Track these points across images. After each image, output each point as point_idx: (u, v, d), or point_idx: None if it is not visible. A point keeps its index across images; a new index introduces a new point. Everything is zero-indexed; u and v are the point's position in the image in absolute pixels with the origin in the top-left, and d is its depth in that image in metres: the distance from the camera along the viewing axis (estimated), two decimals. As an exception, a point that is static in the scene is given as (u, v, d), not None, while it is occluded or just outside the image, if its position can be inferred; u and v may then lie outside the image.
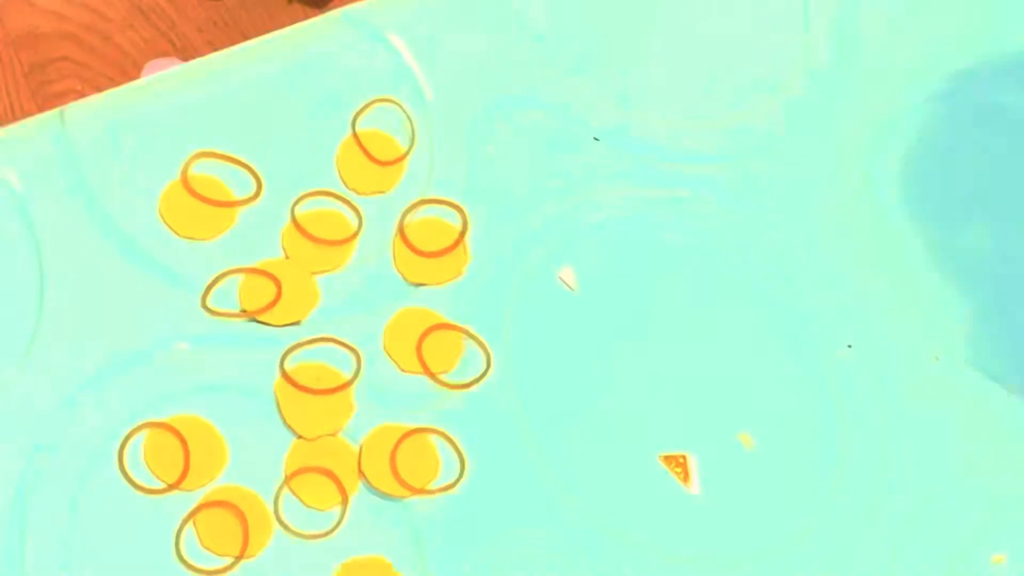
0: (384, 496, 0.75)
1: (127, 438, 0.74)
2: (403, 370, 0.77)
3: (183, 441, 0.74)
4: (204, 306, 0.77)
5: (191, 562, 0.72)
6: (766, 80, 0.88)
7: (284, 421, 0.75)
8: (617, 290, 0.81)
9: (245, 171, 0.81)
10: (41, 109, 0.83)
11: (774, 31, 0.89)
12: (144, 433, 0.74)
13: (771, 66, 0.88)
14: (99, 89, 0.83)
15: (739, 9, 0.88)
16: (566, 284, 0.81)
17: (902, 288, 0.83)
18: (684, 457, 0.78)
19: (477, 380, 0.78)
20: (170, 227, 0.79)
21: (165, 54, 0.88)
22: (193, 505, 0.73)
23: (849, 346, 0.81)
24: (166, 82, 0.84)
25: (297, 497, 0.74)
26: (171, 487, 0.73)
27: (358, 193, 0.81)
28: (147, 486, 0.73)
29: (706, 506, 0.77)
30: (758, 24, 0.89)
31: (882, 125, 0.87)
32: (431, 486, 0.75)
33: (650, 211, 0.83)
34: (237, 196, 0.80)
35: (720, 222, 0.83)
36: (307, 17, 0.87)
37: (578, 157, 0.83)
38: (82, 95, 0.83)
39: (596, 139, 0.84)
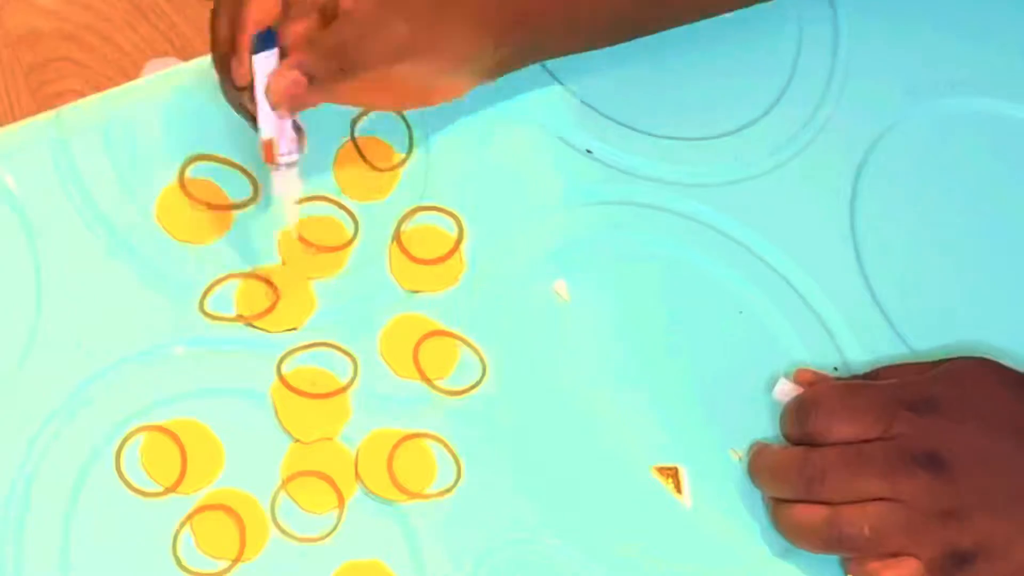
0: (380, 500, 0.75)
1: (124, 441, 0.74)
2: (399, 376, 0.77)
3: (180, 445, 0.74)
4: (201, 310, 0.77)
5: (188, 565, 0.72)
6: (757, 99, 0.87)
7: (281, 425, 0.75)
8: (610, 302, 0.81)
9: (242, 175, 0.81)
10: (41, 109, 0.83)
11: (767, 53, 0.89)
12: (141, 436, 0.74)
13: (762, 85, 0.88)
14: (99, 89, 0.83)
15: (733, 32, 0.88)
16: (559, 296, 0.81)
17: (891, 309, 0.83)
18: (676, 469, 0.78)
19: (473, 387, 0.78)
20: (167, 231, 0.79)
21: (165, 54, 0.88)
22: (190, 508, 0.73)
23: (835, 368, 0.81)
24: (164, 82, 0.84)
25: (294, 501, 0.74)
26: (168, 490, 0.73)
27: (353, 199, 0.81)
28: (144, 489, 0.73)
29: (698, 518, 0.77)
30: (751, 47, 0.88)
31: (870, 139, 0.87)
32: (427, 491, 0.75)
33: (643, 224, 0.83)
34: (234, 200, 0.80)
35: (713, 238, 0.83)
36: (307, 17, 0.87)
37: (572, 169, 0.83)
38: (82, 95, 0.83)
39: (589, 151, 0.84)
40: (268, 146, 0.73)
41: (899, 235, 0.85)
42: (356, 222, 0.80)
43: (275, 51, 0.73)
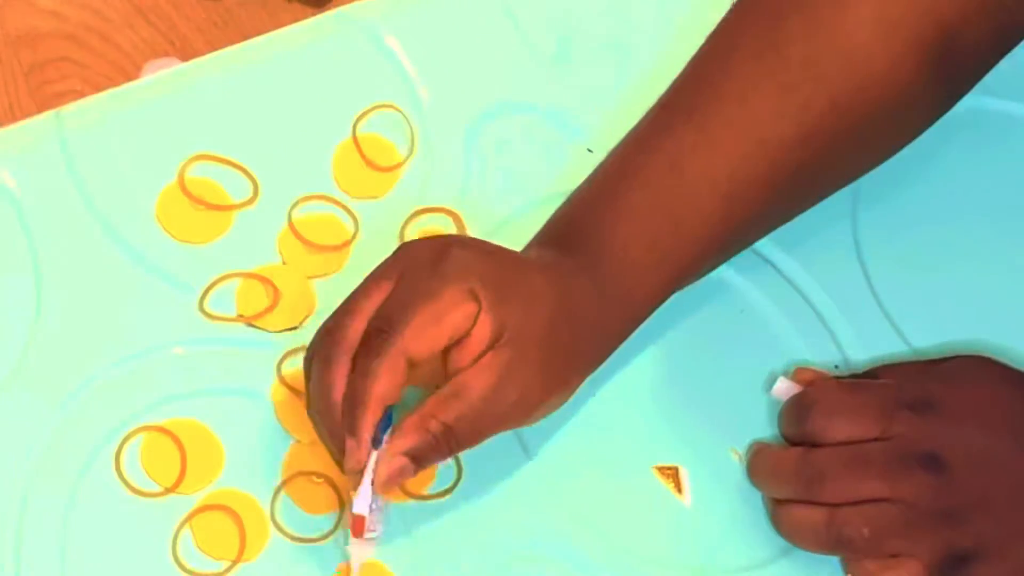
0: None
1: (124, 441, 0.74)
2: (399, 375, 0.77)
3: (180, 445, 0.74)
4: (201, 310, 0.77)
5: (188, 565, 0.72)
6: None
7: (281, 425, 0.75)
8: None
9: (242, 174, 0.81)
10: (41, 109, 0.83)
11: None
12: (141, 437, 0.74)
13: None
14: (99, 89, 0.84)
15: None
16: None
17: (892, 308, 0.83)
18: (676, 469, 0.78)
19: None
20: (166, 230, 0.79)
21: (165, 54, 0.88)
22: (190, 509, 0.73)
23: (836, 367, 0.81)
24: (163, 83, 0.84)
25: (294, 501, 0.74)
26: (168, 491, 0.73)
27: (353, 196, 0.81)
28: (144, 489, 0.73)
29: (698, 518, 0.77)
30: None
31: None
32: (427, 491, 0.75)
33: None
34: (234, 199, 0.80)
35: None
36: (307, 17, 0.87)
37: (572, 167, 0.83)
38: (82, 95, 0.83)
39: (590, 151, 0.84)
40: (360, 522, 0.70)
41: (900, 234, 0.85)
42: (356, 221, 0.80)
43: (388, 431, 0.69)
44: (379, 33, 0.86)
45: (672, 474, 0.77)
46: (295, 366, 0.76)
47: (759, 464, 0.76)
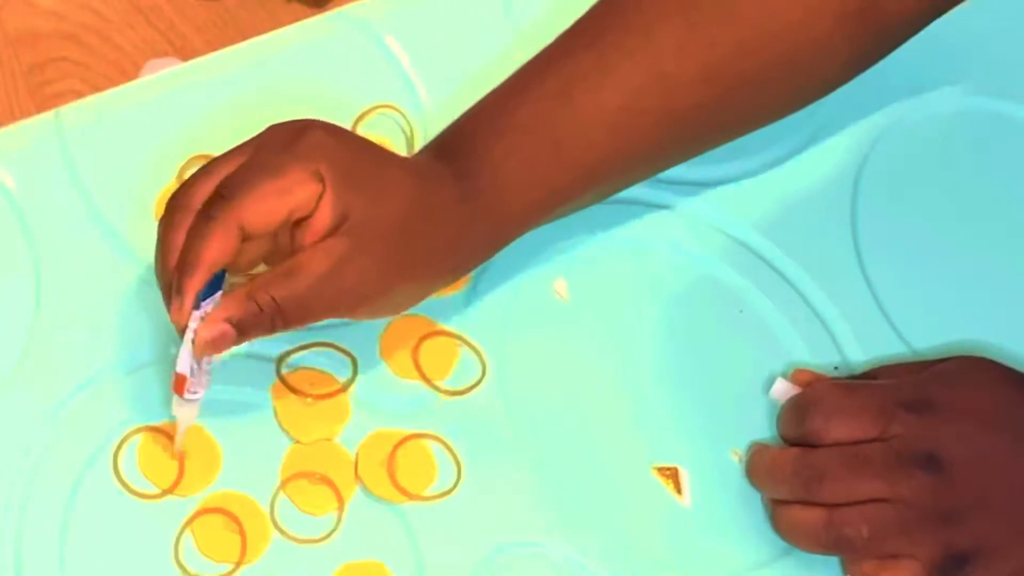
0: (381, 501, 0.74)
1: (122, 442, 0.74)
2: (399, 376, 0.77)
3: (179, 445, 0.74)
4: (201, 310, 0.77)
5: (190, 569, 0.72)
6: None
7: (280, 426, 0.75)
8: (610, 302, 0.81)
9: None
10: (40, 109, 0.83)
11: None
12: (139, 437, 0.74)
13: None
14: (99, 89, 0.84)
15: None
16: (559, 296, 0.81)
17: (891, 309, 0.83)
18: (676, 469, 0.78)
19: (473, 387, 0.78)
20: (166, 231, 0.79)
21: (165, 54, 0.88)
22: (190, 512, 0.73)
23: (836, 368, 0.81)
24: (163, 83, 0.84)
25: (293, 503, 0.74)
26: (166, 492, 0.73)
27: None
28: (141, 491, 0.73)
29: (698, 518, 0.77)
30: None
31: (870, 138, 0.87)
32: (427, 492, 0.75)
33: (643, 224, 0.83)
34: (233, 200, 0.80)
35: (714, 237, 0.83)
36: (307, 17, 0.87)
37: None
38: (81, 95, 0.84)
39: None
40: (180, 380, 0.70)
41: (900, 234, 0.85)
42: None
43: (217, 295, 0.69)
44: (379, 33, 0.86)
45: (672, 474, 0.77)
46: (295, 366, 0.76)
47: (758, 465, 0.76)
